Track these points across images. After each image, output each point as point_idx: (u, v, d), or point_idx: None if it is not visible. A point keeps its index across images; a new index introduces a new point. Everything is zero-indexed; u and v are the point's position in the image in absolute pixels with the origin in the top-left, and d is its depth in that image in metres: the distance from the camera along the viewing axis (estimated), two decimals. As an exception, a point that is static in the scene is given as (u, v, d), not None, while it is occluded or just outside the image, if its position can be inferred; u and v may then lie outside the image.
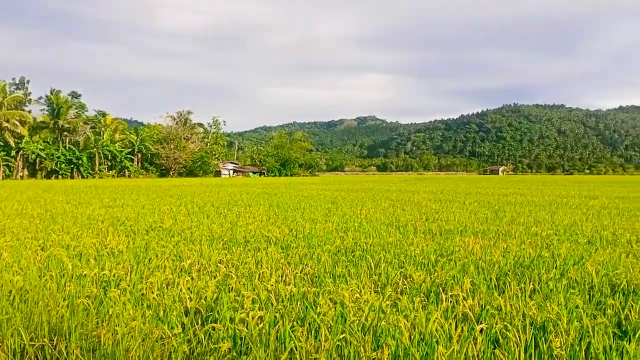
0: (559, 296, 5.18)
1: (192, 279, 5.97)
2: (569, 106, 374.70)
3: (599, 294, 5.56)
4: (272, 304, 4.88)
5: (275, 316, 4.42)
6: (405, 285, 5.90)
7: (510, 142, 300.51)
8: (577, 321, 4.36)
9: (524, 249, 8.32)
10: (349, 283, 5.89)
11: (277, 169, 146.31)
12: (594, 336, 3.98)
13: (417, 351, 3.62)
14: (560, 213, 15.57)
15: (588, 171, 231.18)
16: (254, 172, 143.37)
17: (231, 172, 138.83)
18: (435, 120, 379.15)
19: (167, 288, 5.55)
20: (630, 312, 4.75)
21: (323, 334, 3.89)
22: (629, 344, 3.79)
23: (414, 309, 4.74)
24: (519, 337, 3.90)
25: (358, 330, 4.14)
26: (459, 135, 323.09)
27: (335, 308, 4.69)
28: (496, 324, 4.29)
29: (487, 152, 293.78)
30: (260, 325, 4.18)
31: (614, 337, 4.17)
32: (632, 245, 9.02)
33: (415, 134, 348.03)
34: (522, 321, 4.39)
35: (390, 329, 4.10)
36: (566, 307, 4.78)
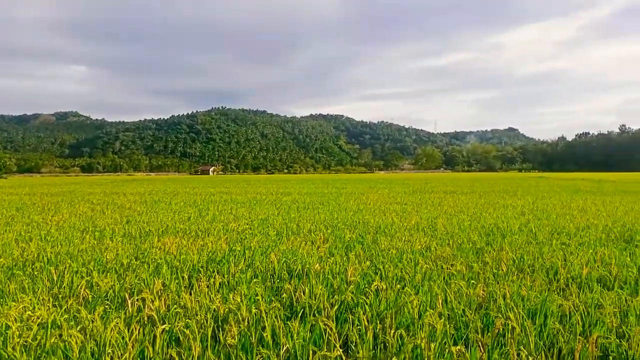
0: (243, 287, 5.54)
1: None
2: (270, 112, 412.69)
3: (278, 280, 6.17)
4: None
5: None
6: (90, 294, 5.45)
7: (220, 144, 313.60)
8: (255, 308, 4.71)
9: (220, 245, 8.69)
10: (22, 300, 5.13)
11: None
12: (267, 320, 4.36)
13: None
14: (257, 209, 16.91)
15: (287, 171, 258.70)
16: None
17: None
18: (145, 119, 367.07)
19: None
20: (302, 293, 5.38)
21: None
22: (295, 323, 4.26)
23: (94, 319, 4.38)
24: (198, 332, 3.99)
25: (21, 352, 3.61)
26: (170, 136, 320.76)
27: (-5, 332, 4.00)
28: (179, 322, 4.31)
29: (198, 153, 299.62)
30: None
31: (285, 319, 4.66)
32: (311, 234, 10.36)
33: (124, 132, 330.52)
34: (205, 316, 4.52)
35: (61, 345, 3.70)
36: (247, 297, 5.13)
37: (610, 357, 3.91)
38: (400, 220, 13.02)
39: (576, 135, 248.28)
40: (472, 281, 5.97)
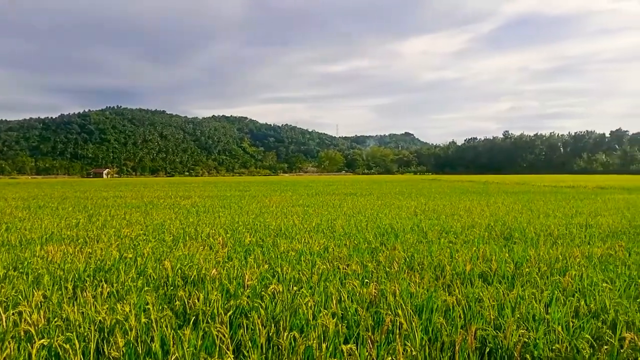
0: (133, 296, 5.29)
1: None
2: (169, 112, 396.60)
3: (172, 287, 5.97)
4: None
5: None
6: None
7: (115, 145, 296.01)
8: (145, 318, 4.52)
9: (110, 252, 8.23)
10: None
11: None
12: (156, 329, 4.20)
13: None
14: (153, 213, 16.25)
15: (188, 173, 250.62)
16: None
17: None
18: (31, 118, 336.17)
19: None
20: (197, 300, 5.24)
21: None
22: (187, 331, 4.14)
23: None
24: (81, 346, 3.75)
25: None
26: (60, 136, 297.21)
27: None
28: (60, 336, 4.02)
29: (91, 155, 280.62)
30: None
31: (177, 327, 4.52)
32: (210, 238, 10.15)
33: (7, 132, 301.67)
34: (89, 328, 4.26)
35: None
36: (137, 306, 4.91)
37: (487, 348, 4.22)
38: (301, 222, 13.16)
39: (465, 140, 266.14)
40: (366, 280, 6.19)
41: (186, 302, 5.13)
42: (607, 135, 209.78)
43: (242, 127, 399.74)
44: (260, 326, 4.21)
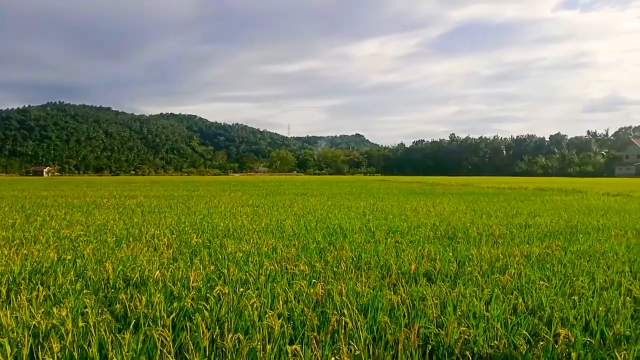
0: (70, 299, 5.09)
1: None
2: (115, 109, 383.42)
3: (113, 290, 5.78)
4: None
5: None
6: None
7: (57, 142, 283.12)
8: (83, 321, 4.35)
9: (48, 253, 7.88)
10: None
11: None
12: (94, 333, 4.05)
13: None
14: (96, 213, 15.70)
15: (134, 172, 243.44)
16: None
17: None
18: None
19: None
20: (138, 303, 5.09)
21: None
22: (127, 334, 4.01)
23: None
24: (12, 352, 3.57)
25: None
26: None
27: None
28: (-11, 343, 3.81)
29: (30, 152, 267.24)
30: None
31: (117, 330, 4.37)
32: (155, 239, 9.90)
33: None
34: (22, 333, 4.06)
35: None
36: (75, 309, 4.72)
37: (430, 345, 4.32)
38: (250, 223, 13.05)
39: (413, 142, 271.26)
40: (314, 280, 6.20)
41: (127, 305, 4.97)
42: (547, 139, 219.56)
43: (191, 125, 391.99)
44: (204, 328, 4.13)
